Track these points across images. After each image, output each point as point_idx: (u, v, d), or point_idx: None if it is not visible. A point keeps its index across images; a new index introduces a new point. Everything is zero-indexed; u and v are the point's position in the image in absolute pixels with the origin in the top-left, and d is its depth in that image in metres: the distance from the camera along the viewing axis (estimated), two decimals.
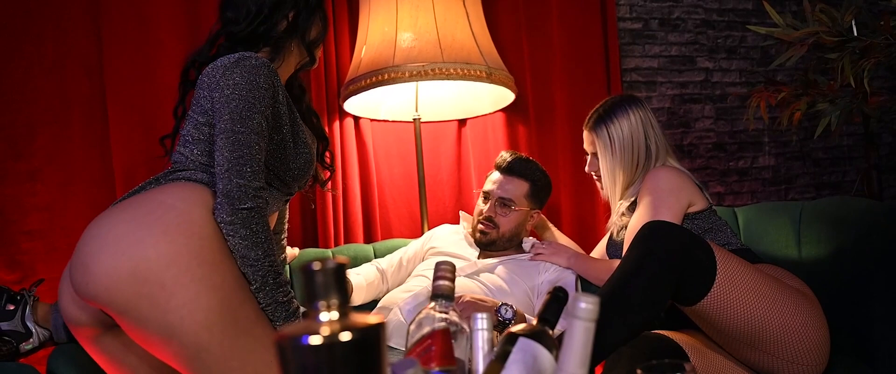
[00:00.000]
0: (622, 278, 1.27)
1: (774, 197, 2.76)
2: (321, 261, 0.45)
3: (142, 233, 0.99)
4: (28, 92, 1.88)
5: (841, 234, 1.59)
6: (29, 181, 1.88)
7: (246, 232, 1.06)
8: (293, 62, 1.37)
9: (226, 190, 1.07)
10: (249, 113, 1.10)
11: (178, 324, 0.99)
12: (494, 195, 1.76)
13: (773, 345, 1.28)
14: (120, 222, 1.03)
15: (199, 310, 1.00)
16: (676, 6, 2.65)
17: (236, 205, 1.06)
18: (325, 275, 0.45)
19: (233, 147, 1.08)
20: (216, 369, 1.01)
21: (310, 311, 0.45)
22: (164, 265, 0.98)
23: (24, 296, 1.31)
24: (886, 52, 1.67)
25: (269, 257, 1.09)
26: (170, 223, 1.02)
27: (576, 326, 0.64)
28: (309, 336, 0.43)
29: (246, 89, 1.10)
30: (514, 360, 0.72)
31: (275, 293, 1.09)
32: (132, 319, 1.02)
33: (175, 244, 1.00)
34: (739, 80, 2.73)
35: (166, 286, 0.98)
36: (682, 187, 1.53)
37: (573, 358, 0.64)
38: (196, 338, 1.00)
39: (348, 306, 0.45)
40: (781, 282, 1.35)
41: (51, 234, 1.89)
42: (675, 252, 1.25)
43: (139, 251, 0.98)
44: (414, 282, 1.71)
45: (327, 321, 0.45)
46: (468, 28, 1.93)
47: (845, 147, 2.87)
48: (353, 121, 2.18)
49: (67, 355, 1.28)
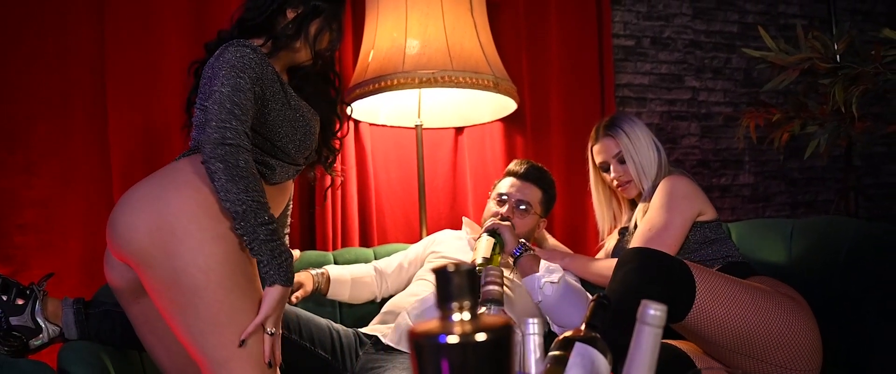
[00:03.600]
0: (633, 288, 1.32)
1: (752, 214, 2.86)
2: (456, 264, 0.47)
3: (158, 191, 1.11)
4: (27, 84, 1.84)
5: (831, 252, 1.66)
6: (24, 174, 1.83)
7: (223, 166, 1.09)
8: (296, 58, 1.40)
9: (205, 136, 1.11)
10: (234, 81, 1.16)
11: (181, 268, 1.06)
12: (513, 198, 1.79)
13: (762, 352, 1.33)
14: (141, 186, 1.15)
15: (202, 255, 1.07)
16: (668, 26, 2.74)
17: (215, 144, 1.10)
18: (460, 277, 0.47)
19: (217, 104, 1.14)
20: (205, 316, 1.07)
21: (444, 311, 0.47)
22: (175, 216, 1.07)
23: (33, 291, 1.29)
24: (874, 79, 1.76)
25: (251, 194, 1.09)
26: (181, 182, 1.12)
27: (644, 332, 0.67)
28: (446, 336, 0.45)
29: (231, 64, 1.17)
30: (573, 364, 0.75)
31: (256, 230, 1.09)
32: (147, 267, 1.09)
33: (185, 198, 1.10)
34: (724, 100, 2.83)
35: (176, 234, 1.07)
36: (696, 195, 1.59)
37: (642, 364, 0.67)
38: (193, 281, 1.06)
39: (477, 307, 0.47)
40: (768, 291, 1.40)
41: (45, 229, 1.84)
42: (656, 270, 1.31)
43: (155, 206, 1.08)
44: (418, 286, 1.72)
45: (459, 321, 0.47)
46: (476, 38, 1.96)
47: (819, 169, 3.00)
48: (354, 125, 2.18)
49: (78, 352, 1.26)
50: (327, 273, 1.76)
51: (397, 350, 1.53)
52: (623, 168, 1.74)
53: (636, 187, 1.74)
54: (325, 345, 1.53)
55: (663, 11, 2.74)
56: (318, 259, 1.89)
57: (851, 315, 1.54)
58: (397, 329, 1.57)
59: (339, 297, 1.80)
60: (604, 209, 1.90)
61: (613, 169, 1.76)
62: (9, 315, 1.23)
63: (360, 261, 1.93)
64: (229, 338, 1.08)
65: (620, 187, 1.77)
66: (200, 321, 1.07)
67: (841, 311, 1.55)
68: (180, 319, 1.09)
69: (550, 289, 1.56)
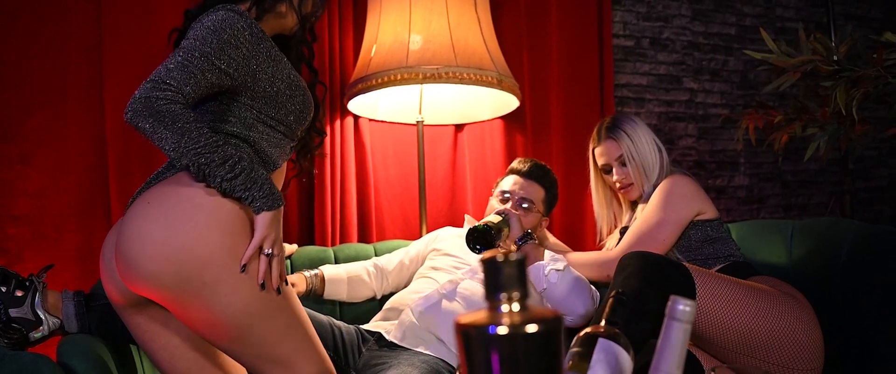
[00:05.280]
0: (639, 287, 1.32)
1: (747, 216, 2.88)
2: (506, 255, 0.46)
3: (180, 240, 1.02)
4: (22, 73, 1.81)
5: (831, 253, 1.66)
6: (19, 164, 1.80)
7: (147, 112, 1.00)
8: (282, 25, 1.33)
9: (136, 94, 1.02)
10: (204, 44, 1.07)
11: (220, 313, 1.05)
12: (516, 195, 1.79)
13: (764, 352, 1.34)
14: (157, 224, 1.04)
15: (240, 300, 1.05)
16: (667, 27, 2.75)
17: (142, 94, 1.01)
18: (510, 268, 0.46)
19: (168, 61, 1.05)
20: (257, 345, 1.08)
21: (493, 301, 0.46)
22: (203, 266, 1.02)
23: (33, 282, 1.26)
24: (875, 83, 1.78)
25: (192, 138, 1.02)
26: (202, 226, 1.04)
27: (674, 327, 0.67)
28: (496, 327, 0.44)
29: (211, 28, 1.09)
30: (597, 360, 0.74)
31: (217, 174, 1.04)
32: (178, 310, 1.07)
33: (210, 246, 1.03)
34: (721, 101, 2.84)
35: (208, 284, 1.03)
36: (694, 195, 1.60)
37: (671, 359, 0.66)
38: (238, 322, 1.06)
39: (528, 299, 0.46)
40: (769, 291, 1.41)
41: (39, 220, 1.81)
42: (656, 273, 1.31)
43: (179, 256, 1.02)
44: (421, 283, 1.71)
45: (509, 312, 0.46)
46: (480, 34, 1.95)
47: (812, 172, 3.02)
48: (353, 120, 2.17)
49: (79, 345, 1.23)
50: (322, 274, 1.74)
51: (401, 347, 1.52)
52: (625, 171, 1.74)
53: (638, 190, 1.75)
54: (326, 342, 1.52)
55: (662, 12, 2.75)
56: (317, 255, 1.88)
57: (852, 317, 1.55)
58: (401, 326, 1.55)
59: (336, 296, 1.78)
60: (604, 211, 1.90)
61: (616, 172, 1.77)
62: (8, 307, 1.20)
63: (360, 257, 1.91)
64: (284, 354, 1.11)
65: (622, 190, 1.77)
66: (251, 348, 1.09)
67: (841, 312, 1.56)
68: (226, 347, 1.11)
69: (556, 276, 1.56)
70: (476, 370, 0.45)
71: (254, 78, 1.15)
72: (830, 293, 1.61)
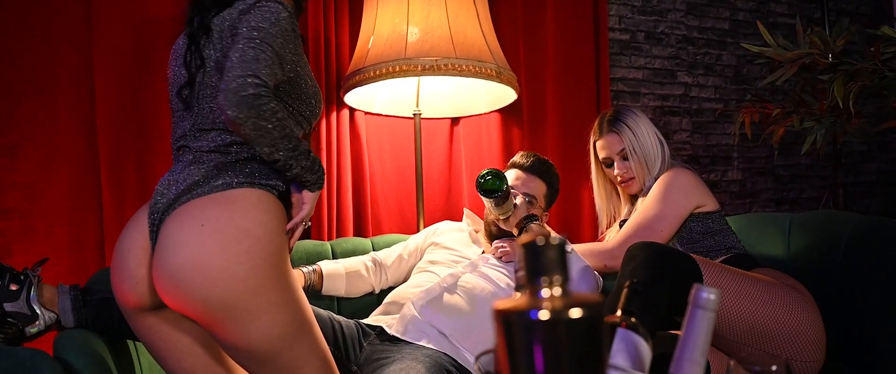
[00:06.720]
0: (648, 277, 1.31)
1: (740, 209, 2.89)
2: (546, 237, 0.45)
3: (235, 269, 1.06)
4: (10, 62, 1.76)
5: (829, 246, 1.67)
6: (7, 157, 1.76)
7: (250, 111, 1.02)
8: None
9: (231, 86, 1.03)
10: (272, 38, 1.09)
11: (257, 339, 1.09)
12: (518, 190, 1.78)
13: (767, 344, 1.34)
14: (214, 253, 1.06)
15: (277, 327, 1.10)
16: (662, 21, 2.75)
17: (240, 93, 1.02)
18: (551, 251, 0.44)
19: (248, 52, 1.06)
20: (284, 367, 1.12)
21: (531, 286, 0.45)
22: (250, 296, 1.07)
23: (28, 276, 1.23)
24: (872, 76, 1.78)
25: (284, 130, 1.07)
26: (257, 259, 1.07)
27: (698, 316, 0.66)
28: (538, 311, 0.43)
29: (273, 21, 1.10)
30: (617, 350, 0.73)
31: (299, 161, 1.11)
32: (216, 328, 1.09)
33: (260, 278, 1.07)
34: (714, 96, 2.85)
35: (251, 312, 1.07)
36: (694, 188, 1.60)
37: (696, 347, 0.65)
38: (271, 347, 1.10)
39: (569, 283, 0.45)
40: (773, 283, 1.41)
41: (29, 214, 1.77)
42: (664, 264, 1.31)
43: (231, 285, 1.06)
44: (421, 277, 1.70)
45: (550, 297, 0.44)
46: (478, 26, 1.94)
47: (804, 166, 3.04)
48: (349, 113, 2.14)
49: (76, 340, 1.21)
50: (320, 270, 1.73)
51: (403, 341, 1.50)
52: (626, 165, 1.73)
53: (639, 184, 1.74)
54: (327, 336, 1.50)
55: (657, 6, 2.75)
56: (315, 249, 1.85)
57: (850, 309, 1.55)
58: (403, 320, 1.54)
59: (335, 292, 1.77)
60: (604, 204, 1.90)
61: (617, 166, 1.76)
62: (3, 301, 1.17)
63: (358, 251, 1.89)
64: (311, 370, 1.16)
65: (623, 184, 1.77)
66: (277, 371, 1.14)
67: (840, 304, 1.57)
68: (252, 368, 1.15)
69: None
70: (516, 356, 0.44)
71: (296, 74, 1.18)
72: (829, 286, 1.61)
